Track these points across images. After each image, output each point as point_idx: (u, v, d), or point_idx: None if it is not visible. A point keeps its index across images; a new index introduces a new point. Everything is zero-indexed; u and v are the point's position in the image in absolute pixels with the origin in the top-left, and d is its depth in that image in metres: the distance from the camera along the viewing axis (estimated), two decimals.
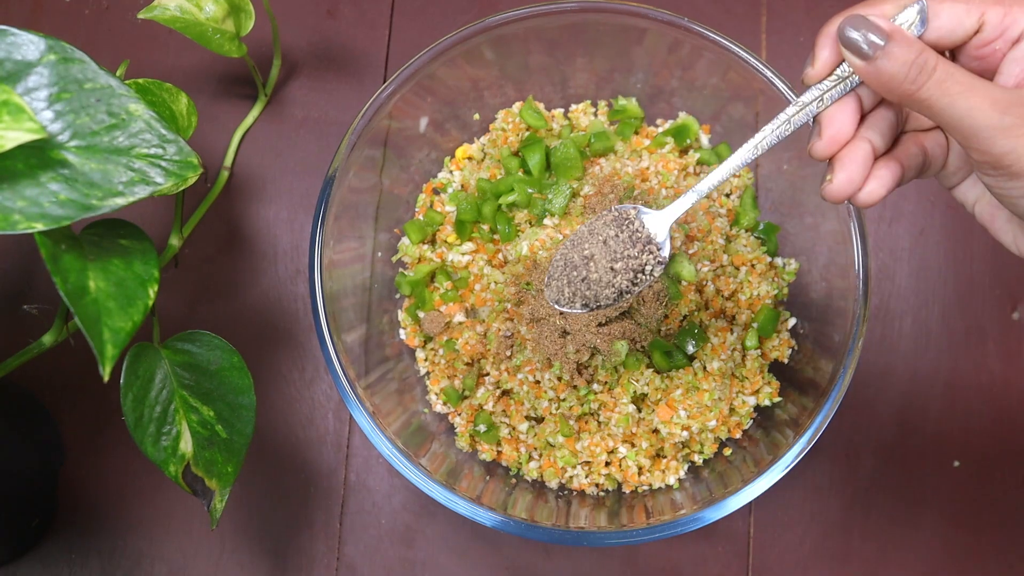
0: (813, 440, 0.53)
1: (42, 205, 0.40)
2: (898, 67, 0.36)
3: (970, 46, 0.38)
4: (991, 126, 0.36)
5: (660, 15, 0.58)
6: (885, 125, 0.41)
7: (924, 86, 0.36)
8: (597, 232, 0.48)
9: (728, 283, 0.62)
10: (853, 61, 0.37)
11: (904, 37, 0.37)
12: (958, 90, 0.36)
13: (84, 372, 0.65)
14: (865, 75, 0.38)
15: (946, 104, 0.36)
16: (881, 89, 0.38)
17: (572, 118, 0.67)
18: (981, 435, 0.66)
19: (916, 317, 0.67)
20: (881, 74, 0.37)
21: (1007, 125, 0.36)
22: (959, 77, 0.36)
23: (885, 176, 0.40)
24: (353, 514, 0.65)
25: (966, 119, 0.36)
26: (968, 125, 0.36)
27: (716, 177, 0.44)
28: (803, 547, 0.64)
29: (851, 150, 0.40)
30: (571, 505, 0.59)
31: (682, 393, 0.58)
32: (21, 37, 0.42)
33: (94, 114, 0.43)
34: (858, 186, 0.40)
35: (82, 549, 0.65)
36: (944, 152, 0.43)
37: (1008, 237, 0.43)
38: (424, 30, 0.72)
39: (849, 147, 0.40)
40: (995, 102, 0.36)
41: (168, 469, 0.49)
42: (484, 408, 0.61)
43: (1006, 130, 0.36)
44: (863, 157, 0.40)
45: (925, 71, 0.36)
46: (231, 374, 0.52)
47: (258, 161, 0.70)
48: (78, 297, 0.42)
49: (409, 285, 0.64)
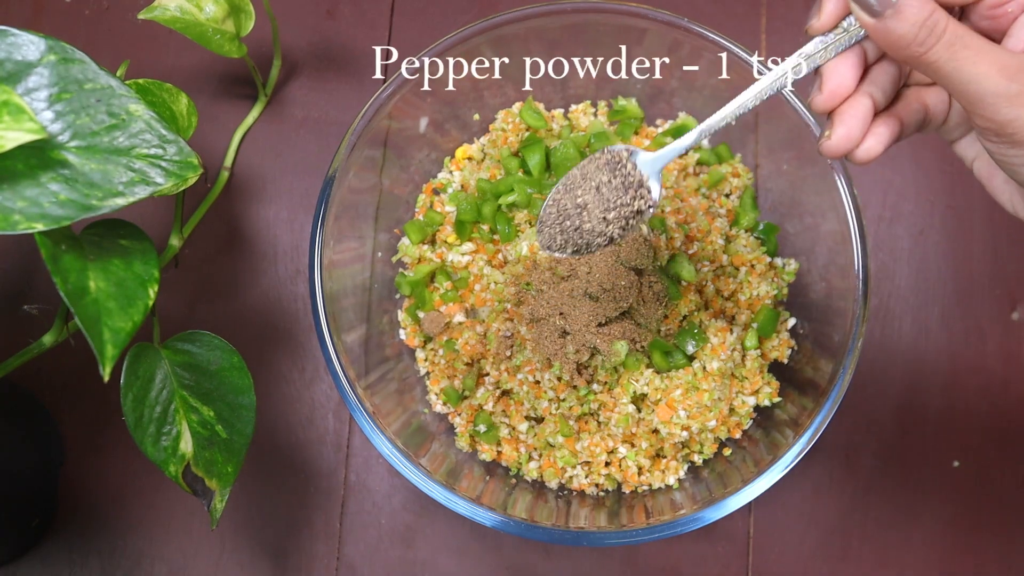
0: (813, 440, 0.53)
1: (42, 205, 0.40)
2: (908, 27, 0.35)
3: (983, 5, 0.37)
4: (997, 93, 0.35)
5: (660, 15, 0.58)
6: (887, 80, 0.40)
7: (932, 48, 0.35)
8: (590, 177, 0.46)
9: (728, 283, 0.62)
10: (861, 17, 0.36)
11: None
12: (966, 55, 0.35)
13: (84, 372, 0.65)
14: (873, 33, 0.37)
15: (953, 68, 0.35)
16: (888, 48, 0.37)
17: (572, 118, 0.67)
18: (981, 435, 0.66)
19: (916, 317, 0.67)
20: (890, 33, 0.36)
21: (1013, 92, 0.35)
22: (968, 41, 0.35)
23: (883, 132, 0.40)
24: (353, 514, 0.65)
25: (972, 84, 0.35)
26: (974, 91, 0.35)
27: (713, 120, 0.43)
28: (803, 547, 0.64)
29: (851, 105, 0.39)
30: (571, 505, 0.59)
31: (682, 393, 0.58)
32: (21, 37, 0.42)
33: (94, 114, 0.43)
34: (856, 142, 0.40)
35: (82, 549, 0.65)
36: (946, 108, 0.42)
37: (1004, 197, 0.43)
38: (424, 30, 0.72)
39: (849, 102, 0.39)
40: (1003, 68, 0.35)
41: (168, 469, 0.49)
42: (484, 408, 0.61)
43: (1012, 98, 0.35)
44: (863, 112, 0.39)
45: (935, 33, 0.35)
46: (231, 374, 0.52)
47: (258, 161, 0.70)
48: (78, 297, 0.42)
49: (409, 285, 0.64)
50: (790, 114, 0.58)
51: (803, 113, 0.57)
